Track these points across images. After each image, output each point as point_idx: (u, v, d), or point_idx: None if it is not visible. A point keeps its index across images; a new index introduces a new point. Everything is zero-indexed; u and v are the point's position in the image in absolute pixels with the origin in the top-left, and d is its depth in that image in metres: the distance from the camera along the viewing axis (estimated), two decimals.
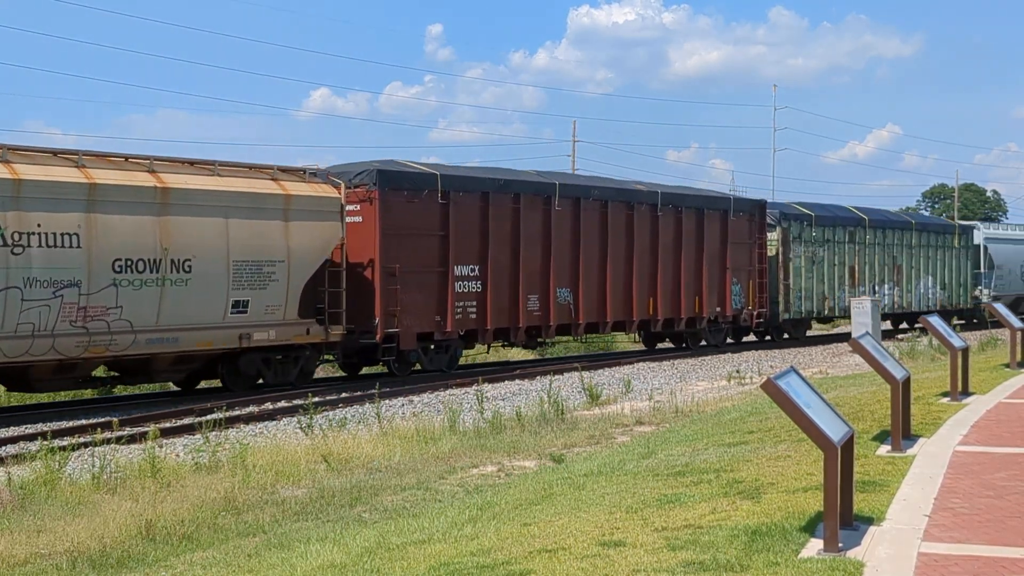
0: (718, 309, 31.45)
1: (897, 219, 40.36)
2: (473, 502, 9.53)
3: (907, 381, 10.18)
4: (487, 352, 29.84)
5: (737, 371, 24.08)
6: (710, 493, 8.19)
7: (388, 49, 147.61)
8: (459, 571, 6.53)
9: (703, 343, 31.81)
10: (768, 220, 33.58)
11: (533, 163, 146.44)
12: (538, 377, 23.96)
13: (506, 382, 23.36)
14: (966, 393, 13.62)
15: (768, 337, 35.50)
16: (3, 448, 14.99)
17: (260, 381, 21.57)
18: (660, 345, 33.04)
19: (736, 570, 5.98)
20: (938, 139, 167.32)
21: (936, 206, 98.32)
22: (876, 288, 37.90)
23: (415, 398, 20.65)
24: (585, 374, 22.38)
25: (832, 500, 6.33)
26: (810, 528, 6.81)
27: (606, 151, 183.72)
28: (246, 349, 20.69)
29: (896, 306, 39.72)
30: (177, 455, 14.11)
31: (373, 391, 18.96)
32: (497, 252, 24.99)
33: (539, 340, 26.77)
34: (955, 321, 44.27)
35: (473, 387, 21.03)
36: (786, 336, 35.42)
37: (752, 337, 35.79)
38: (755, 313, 32.65)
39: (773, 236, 33.87)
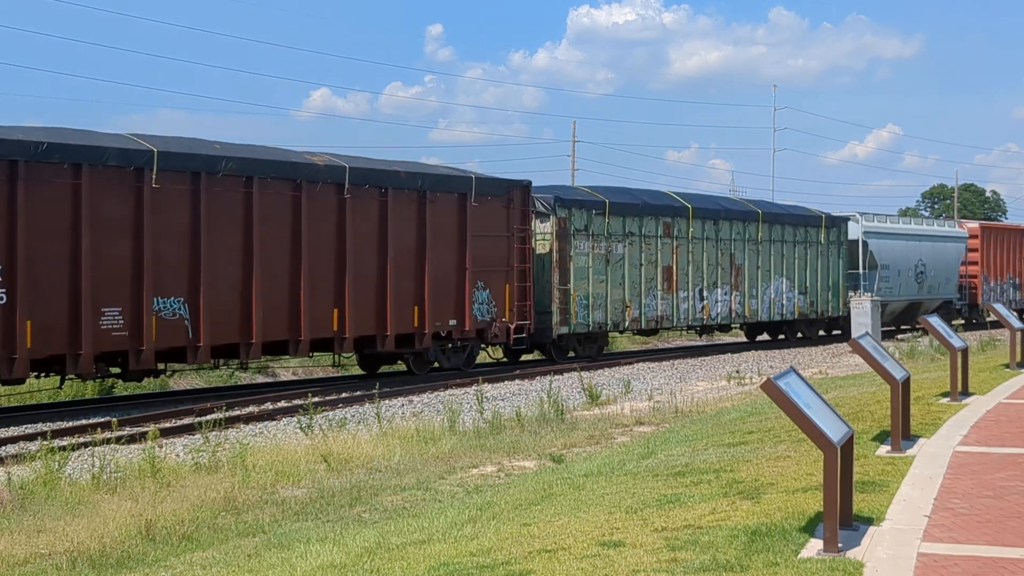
0: (453, 323, 24.07)
1: (736, 208, 33.21)
2: (473, 502, 9.54)
3: (907, 381, 10.18)
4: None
5: (737, 371, 24.15)
6: (710, 493, 8.20)
7: (388, 49, 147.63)
8: (459, 571, 6.53)
9: (436, 365, 24.59)
10: (539, 207, 26.50)
11: (533, 163, 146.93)
12: (538, 377, 23.99)
13: (506, 382, 23.40)
14: (966, 393, 13.62)
15: (550, 356, 27.61)
16: (3, 448, 15.00)
17: None
18: (385, 368, 25.53)
19: (736, 570, 5.99)
20: (938, 139, 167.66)
21: (936, 206, 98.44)
22: (704, 293, 31.03)
23: (415, 398, 20.68)
24: (585, 374, 22.44)
25: (832, 500, 6.33)
26: (810, 528, 6.81)
27: (606, 151, 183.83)
28: None
29: (734, 315, 32.27)
30: (177, 455, 14.12)
31: (373, 391, 18.95)
32: (38, 248, 17.62)
33: (146, 370, 19.50)
34: (820, 333, 37.03)
35: (473, 387, 21.07)
36: (572, 354, 28.00)
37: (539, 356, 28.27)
38: (512, 327, 25.26)
39: (545, 228, 26.68)
